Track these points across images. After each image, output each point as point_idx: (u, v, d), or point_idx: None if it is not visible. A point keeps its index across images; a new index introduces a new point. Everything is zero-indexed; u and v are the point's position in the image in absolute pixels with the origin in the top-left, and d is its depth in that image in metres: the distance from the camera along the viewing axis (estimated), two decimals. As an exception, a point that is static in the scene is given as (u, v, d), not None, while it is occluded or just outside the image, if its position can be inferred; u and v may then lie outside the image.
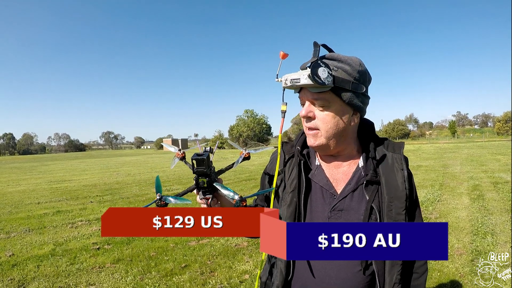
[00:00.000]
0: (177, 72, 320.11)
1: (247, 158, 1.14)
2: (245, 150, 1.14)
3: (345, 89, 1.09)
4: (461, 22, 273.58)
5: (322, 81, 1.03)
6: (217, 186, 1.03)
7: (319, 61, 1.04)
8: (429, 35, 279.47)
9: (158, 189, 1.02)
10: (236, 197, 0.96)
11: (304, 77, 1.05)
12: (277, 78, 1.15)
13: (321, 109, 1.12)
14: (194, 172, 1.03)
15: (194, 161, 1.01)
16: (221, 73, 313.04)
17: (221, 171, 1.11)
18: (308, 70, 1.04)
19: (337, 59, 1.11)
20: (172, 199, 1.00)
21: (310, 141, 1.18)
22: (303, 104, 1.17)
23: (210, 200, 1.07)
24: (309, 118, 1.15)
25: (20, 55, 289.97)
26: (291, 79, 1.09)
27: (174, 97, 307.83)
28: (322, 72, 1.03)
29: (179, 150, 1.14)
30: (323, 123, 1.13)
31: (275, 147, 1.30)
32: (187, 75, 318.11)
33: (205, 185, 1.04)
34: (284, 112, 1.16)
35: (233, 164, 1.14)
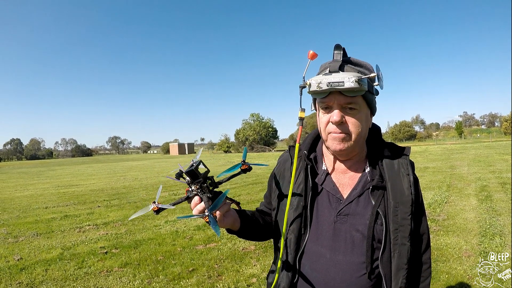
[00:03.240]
0: (183, 77, 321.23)
1: (247, 170, 1.10)
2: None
3: (371, 93, 1.12)
4: (467, 22, 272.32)
5: (382, 84, 1.07)
6: (221, 177, 1.05)
7: (377, 66, 1.08)
8: (434, 36, 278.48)
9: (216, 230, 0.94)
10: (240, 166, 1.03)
11: (350, 81, 1.01)
12: (304, 80, 1.10)
13: (351, 113, 1.10)
14: (199, 181, 1.00)
15: (189, 173, 0.99)
16: (227, 77, 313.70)
17: (221, 182, 1.09)
18: (352, 74, 1.02)
19: (358, 64, 1.12)
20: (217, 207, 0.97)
21: (338, 146, 1.13)
22: (327, 109, 1.13)
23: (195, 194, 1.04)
24: (342, 124, 1.11)
25: (26, 60, 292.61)
26: (329, 82, 1.03)
27: (181, 101, 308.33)
28: (380, 76, 1.06)
29: (153, 202, 1.05)
30: (355, 128, 1.11)
31: (276, 150, 1.29)
32: (193, 79, 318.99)
33: (210, 187, 1.03)
34: (302, 120, 1.11)
35: (235, 174, 1.12)
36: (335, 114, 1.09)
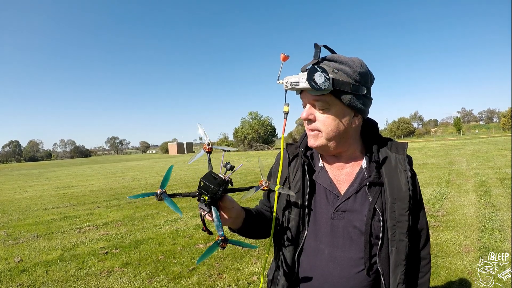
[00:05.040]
0: (181, 76, 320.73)
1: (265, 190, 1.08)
2: (266, 182, 1.07)
3: (345, 91, 1.09)
4: (464, 19, 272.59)
5: (318, 86, 1.02)
6: (213, 212, 0.98)
7: (315, 66, 1.04)
8: (432, 32, 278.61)
9: (164, 183, 0.96)
10: (220, 235, 0.91)
11: (303, 81, 1.05)
12: (278, 80, 1.14)
13: (321, 111, 1.12)
14: (199, 187, 0.97)
15: (208, 178, 0.96)
16: (225, 76, 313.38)
17: (231, 190, 1.03)
18: (305, 74, 1.05)
19: (338, 61, 1.11)
20: (167, 202, 0.93)
21: (311, 142, 1.18)
22: (304, 106, 1.17)
23: (206, 213, 1.01)
24: (310, 121, 1.15)
25: (24, 62, 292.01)
26: (291, 82, 1.09)
27: (179, 101, 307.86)
28: (319, 77, 1.03)
29: (208, 144, 1.05)
30: (324, 126, 1.13)
31: (277, 148, 1.29)
32: (191, 79, 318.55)
33: (205, 202, 0.99)
34: (286, 113, 1.16)
35: (247, 188, 1.07)
36: (304, 111, 1.15)
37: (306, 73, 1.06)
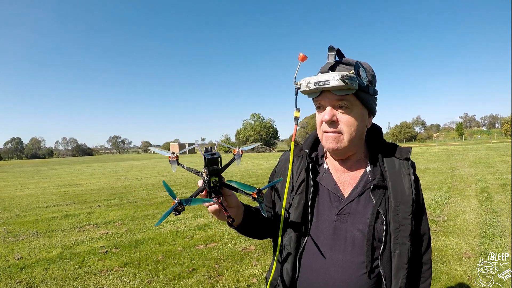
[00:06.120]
0: (184, 77, 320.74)
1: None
2: (239, 148, 1.07)
3: (365, 92, 1.10)
4: (467, 23, 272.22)
5: (362, 80, 1.05)
6: (232, 184, 0.99)
7: (358, 62, 1.06)
8: (435, 36, 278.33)
9: (172, 194, 0.93)
10: (255, 191, 0.93)
11: (335, 79, 1.02)
12: (295, 81, 1.12)
13: (343, 112, 1.11)
14: (208, 172, 0.96)
15: (207, 160, 0.94)
16: (228, 77, 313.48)
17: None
18: (336, 73, 1.03)
19: (353, 64, 1.11)
20: (193, 203, 0.93)
21: (332, 145, 1.15)
22: (319, 108, 1.15)
23: (221, 199, 1.00)
24: (333, 122, 1.12)
25: (27, 60, 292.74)
26: (316, 82, 1.06)
27: (181, 101, 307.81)
28: (362, 73, 1.05)
29: (173, 153, 1.02)
30: (347, 127, 1.12)
31: (279, 151, 1.27)
32: (194, 79, 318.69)
33: (217, 185, 0.98)
34: (297, 119, 1.14)
35: (232, 160, 1.07)
36: (326, 113, 1.12)
37: (335, 72, 1.06)
